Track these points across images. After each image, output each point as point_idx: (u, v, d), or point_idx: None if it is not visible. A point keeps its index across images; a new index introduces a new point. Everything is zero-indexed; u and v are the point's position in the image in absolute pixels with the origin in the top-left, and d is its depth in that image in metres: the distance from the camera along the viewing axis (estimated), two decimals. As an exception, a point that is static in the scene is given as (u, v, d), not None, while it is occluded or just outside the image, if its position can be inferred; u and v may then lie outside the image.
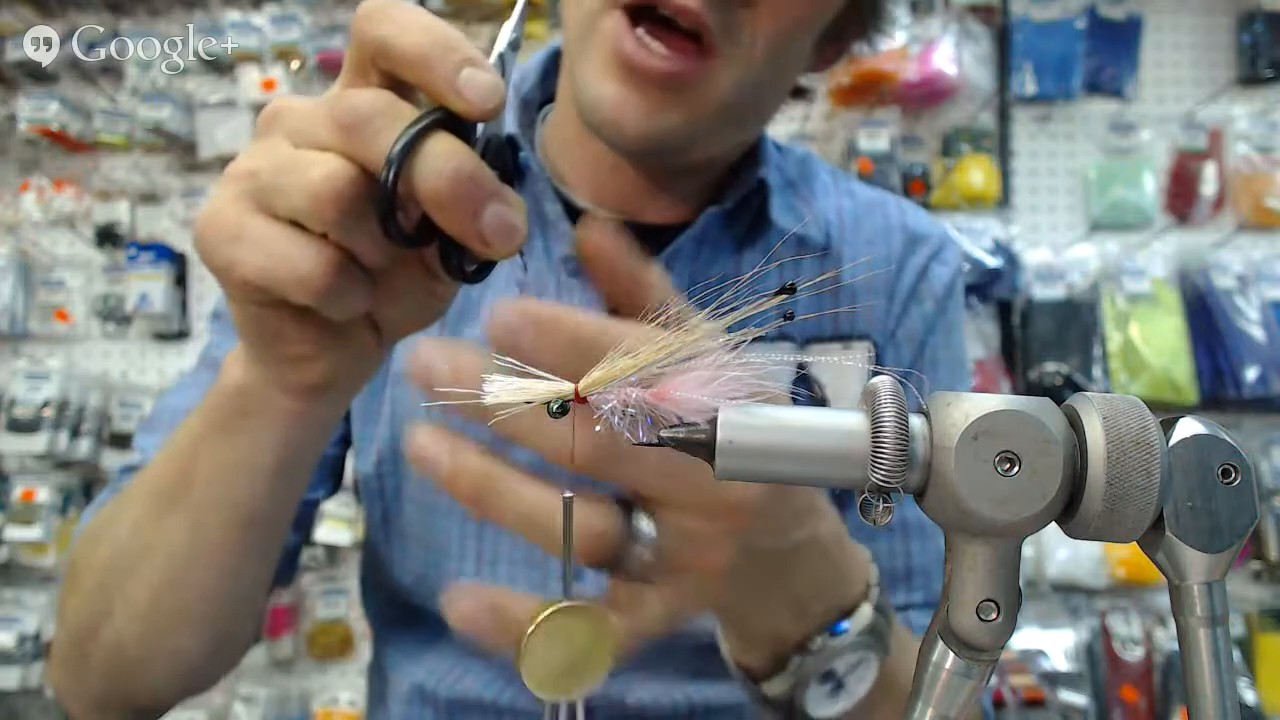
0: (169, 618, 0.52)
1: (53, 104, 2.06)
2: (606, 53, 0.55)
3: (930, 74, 2.01)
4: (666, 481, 0.38)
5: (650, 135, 0.56)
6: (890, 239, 0.73)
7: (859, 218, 0.74)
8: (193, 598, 0.51)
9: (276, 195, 0.36)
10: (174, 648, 0.53)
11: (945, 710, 0.30)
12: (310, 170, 0.34)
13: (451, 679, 0.68)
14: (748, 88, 0.57)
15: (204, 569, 0.50)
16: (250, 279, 0.36)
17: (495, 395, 0.31)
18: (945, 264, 0.74)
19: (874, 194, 0.77)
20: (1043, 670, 1.91)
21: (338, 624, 2.10)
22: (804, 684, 0.42)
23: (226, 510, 0.47)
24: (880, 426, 0.28)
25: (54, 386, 2.02)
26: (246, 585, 0.54)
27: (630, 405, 0.31)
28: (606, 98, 0.55)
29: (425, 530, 0.67)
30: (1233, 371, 1.93)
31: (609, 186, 0.67)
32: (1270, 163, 2.09)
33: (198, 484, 0.47)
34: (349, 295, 0.37)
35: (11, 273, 2.13)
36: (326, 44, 2.11)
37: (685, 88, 0.55)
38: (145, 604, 0.51)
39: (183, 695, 0.57)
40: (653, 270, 0.40)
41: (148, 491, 0.51)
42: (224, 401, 0.44)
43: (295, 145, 0.36)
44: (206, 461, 0.46)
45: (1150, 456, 0.27)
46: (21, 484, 2.04)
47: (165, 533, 0.49)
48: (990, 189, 2.06)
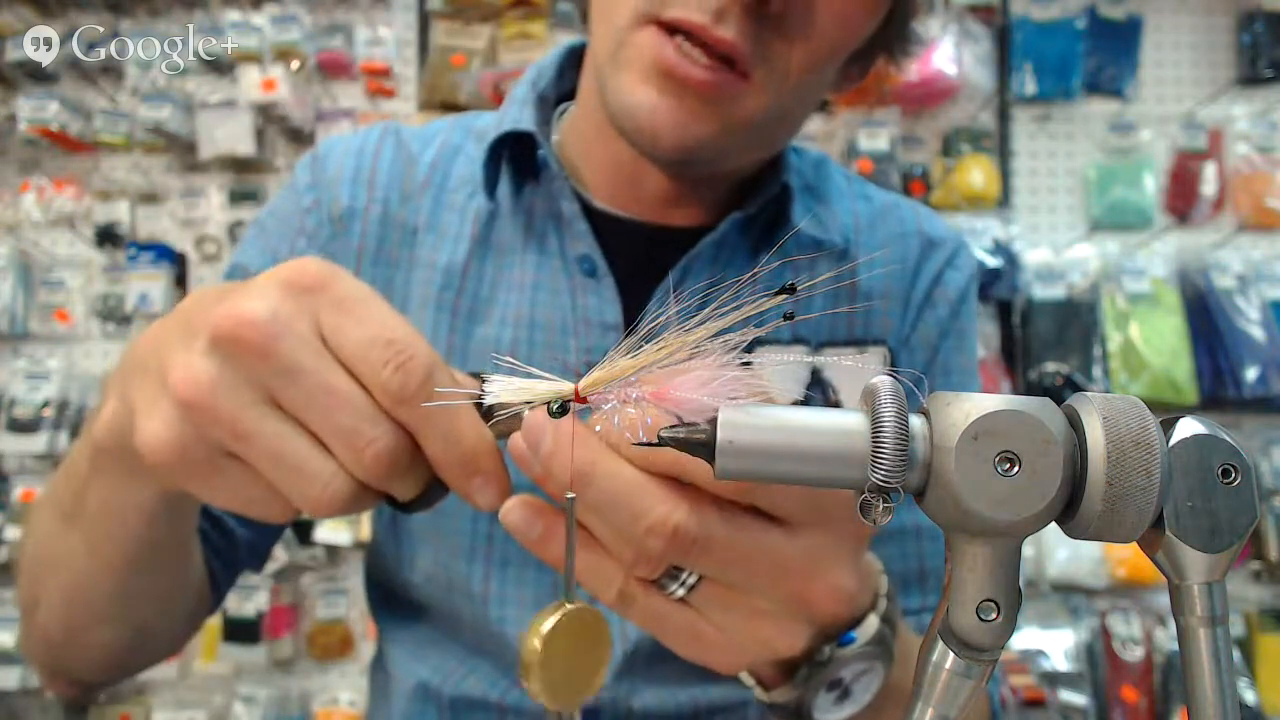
0: (81, 617, 0.55)
1: (53, 104, 2.06)
2: (645, 63, 0.55)
3: (930, 74, 2.00)
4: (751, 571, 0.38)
5: (685, 145, 0.56)
6: (906, 243, 0.73)
7: (874, 221, 0.73)
8: (99, 602, 0.54)
9: (315, 414, 0.36)
10: (92, 640, 0.57)
11: (945, 710, 0.30)
12: (376, 442, 0.36)
13: (456, 677, 0.68)
14: (779, 110, 0.58)
15: (105, 582, 0.52)
16: (259, 475, 0.37)
17: (495, 395, 0.32)
18: (959, 270, 0.74)
19: (889, 197, 0.77)
20: (1043, 670, 1.91)
21: (338, 624, 2.10)
22: (812, 692, 0.42)
23: (116, 541, 0.48)
24: (880, 426, 0.28)
25: (54, 386, 2.02)
26: (157, 591, 0.56)
27: (630, 405, 0.31)
28: (644, 106, 0.55)
29: (436, 530, 0.67)
30: (1233, 371, 1.93)
31: (630, 190, 0.67)
32: (1270, 163, 2.08)
33: (89, 512, 0.48)
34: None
35: (11, 273, 2.12)
36: (326, 44, 2.11)
37: (722, 100, 0.55)
38: (59, 604, 0.54)
39: (118, 676, 0.61)
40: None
41: (54, 502, 0.52)
42: (106, 450, 0.42)
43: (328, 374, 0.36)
44: (94, 495, 0.46)
45: (1150, 456, 0.27)
46: (21, 484, 2.04)
47: (68, 547, 0.51)
48: (990, 189, 2.05)
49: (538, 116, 0.67)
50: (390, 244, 0.69)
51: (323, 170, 0.71)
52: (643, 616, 0.39)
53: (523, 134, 0.66)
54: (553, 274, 0.66)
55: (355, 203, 0.69)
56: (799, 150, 0.76)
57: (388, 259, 0.69)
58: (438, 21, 2.14)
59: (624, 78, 0.56)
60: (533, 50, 2.07)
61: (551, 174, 0.66)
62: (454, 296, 0.67)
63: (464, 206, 0.68)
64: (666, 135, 0.55)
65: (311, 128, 2.14)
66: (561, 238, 0.67)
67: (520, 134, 0.66)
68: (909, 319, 0.72)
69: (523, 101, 0.69)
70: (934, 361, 0.73)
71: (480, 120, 0.74)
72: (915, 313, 0.72)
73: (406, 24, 2.17)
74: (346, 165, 0.71)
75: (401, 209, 0.69)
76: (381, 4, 2.17)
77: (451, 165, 0.70)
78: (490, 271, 0.67)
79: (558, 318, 0.65)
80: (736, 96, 0.55)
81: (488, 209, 0.67)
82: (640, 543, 0.36)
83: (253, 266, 0.69)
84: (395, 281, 0.68)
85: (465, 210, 0.68)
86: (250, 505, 0.38)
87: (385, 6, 2.17)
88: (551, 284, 0.66)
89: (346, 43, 2.13)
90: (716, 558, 0.37)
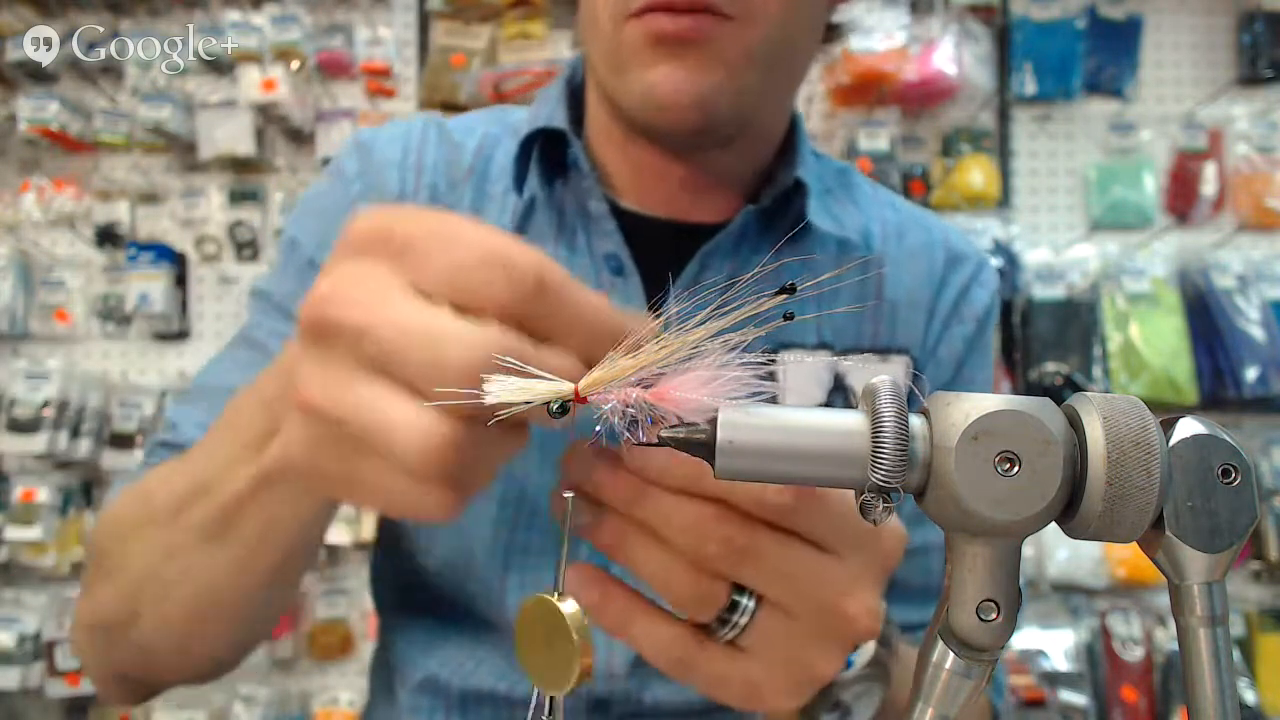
0: (204, 632, 0.54)
1: (53, 104, 2.06)
2: (638, 48, 0.58)
3: (930, 74, 2.00)
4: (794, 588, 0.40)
5: (703, 99, 0.58)
6: (933, 254, 0.73)
7: (902, 230, 0.73)
8: (231, 617, 0.54)
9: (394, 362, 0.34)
10: (206, 651, 0.57)
11: (945, 710, 0.30)
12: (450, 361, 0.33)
13: (465, 670, 0.68)
14: (773, 37, 0.59)
15: (245, 596, 0.52)
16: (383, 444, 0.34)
17: (495, 395, 0.31)
18: (985, 286, 0.74)
19: (915, 209, 0.77)
20: (1043, 670, 1.91)
21: (338, 624, 2.10)
22: (817, 714, 0.43)
23: (272, 556, 0.48)
24: (880, 426, 0.28)
25: (54, 386, 2.02)
26: (286, 598, 0.57)
27: (630, 405, 0.31)
28: (656, 83, 0.57)
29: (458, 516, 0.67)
30: (1233, 371, 1.93)
31: (653, 189, 0.68)
32: (1270, 163, 2.08)
33: (245, 534, 0.47)
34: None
35: (11, 273, 2.12)
36: (326, 44, 2.11)
37: (715, 41, 0.57)
38: (180, 622, 0.53)
39: (206, 681, 0.61)
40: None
41: (184, 522, 0.50)
42: (275, 475, 0.43)
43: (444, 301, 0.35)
44: (256, 516, 0.46)
45: (1150, 456, 0.27)
46: (21, 484, 2.04)
47: (206, 564, 0.50)
48: (990, 189, 2.05)
49: (570, 115, 0.68)
50: None
51: (369, 158, 0.71)
52: (705, 681, 0.41)
53: (554, 131, 0.67)
54: (582, 271, 0.67)
55: (404, 187, 0.70)
56: (821, 157, 0.76)
57: None
58: (438, 21, 2.14)
59: (629, 75, 0.59)
60: (533, 50, 2.07)
61: (581, 173, 0.66)
62: None
63: (503, 199, 0.69)
64: (685, 97, 0.57)
65: (311, 128, 2.14)
66: (590, 235, 0.67)
67: (552, 131, 0.67)
68: (934, 330, 0.72)
69: (557, 99, 0.70)
70: (958, 377, 0.73)
71: (514, 115, 0.74)
72: (941, 325, 0.72)
73: (406, 24, 2.17)
74: (393, 151, 0.71)
75: (449, 195, 0.70)
76: (381, 4, 2.17)
77: (493, 156, 0.71)
78: None
79: None
80: (726, 36, 0.57)
81: (524, 203, 0.68)
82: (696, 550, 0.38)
83: (308, 245, 0.69)
84: None
85: (504, 203, 0.69)
86: (391, 499, 0.37)
87: (385, 6, 2.17)
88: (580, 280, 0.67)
89: (346, 43, 2.13)
90: (766, 568, 0.39)
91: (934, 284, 0.72)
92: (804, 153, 0.70)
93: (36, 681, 2.00)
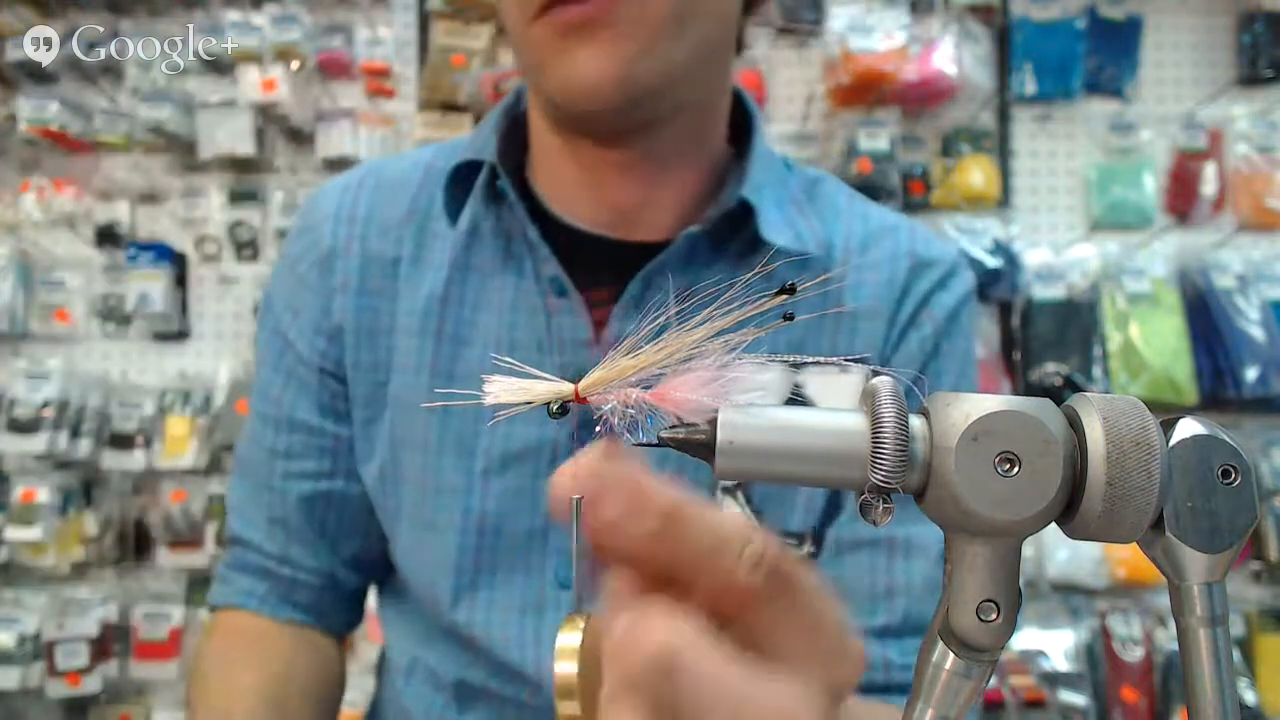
0: None
1: (53, 104, 2.06)
2: (553, 40, 0.59)
3: (930, 74, 2.00)
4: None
5: (623, 76, 0.58)
6: (895, 265, 0.72)
7: (868, 243, 0.73)
8: None
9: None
10: None
11: (945, 710, 0.30)
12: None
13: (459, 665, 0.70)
14: (683, 6, 0.60)
15: None
16: None
17: (495, 395, 0.31)
18: (950, 291, 0.74)
19: (890, 220, 0.76)
20: (1043, 670, 1.91)
21: (338, 624, 2.10)
22: None
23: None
24: (880, 426, 0.28)
25: (54, 386, 2.02)
26: None
27: (630, 405, 0.31)
28: (575, 69, 0.59)
29: (420, 546, 0.70)
30: (1233, 371, 1.93)
31: (594, 201, 0.68)
32: (1270, 163, 2.08)
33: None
34: None
35: (11, 273, 2.12)
36: (326, 44, 2.11)
37: (621, 18, 0.58)
38: None
39: None
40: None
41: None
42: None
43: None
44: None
45: (1150, 457, 0.27)
46: (21, 484, 2.03)
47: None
48: (990, 189, 2.05)
49: (502, 145, 0.69)
50: (373, 276, 0.71)
51: (310, 215, 0.75)
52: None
53: (477, 163, 0.69)
54: (528, 294, 0.68)
55: (336, 241, 0.72)
56: (794, 167, 0.76)
57: (372, 291, 0.71)
58: (438, 21, 2.14)
59: (549, 70, 0.60)
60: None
61: (511, 203, 0.68)
62: (437, 322, 0.69)
63: (447, 233, 0.71)
64: (605, 74, 0.58)
65: (311, 128, 2.14)
66: (534, 259, 0.68)
67: (476, 163, 0.69)
68: (892, 340, 0.71)
69: (491, 128, 0.71)
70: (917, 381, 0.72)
71: (463, 144, 0.75)
72: (899, 333, 0.72)
73: (406, 24, 2.17)
74: (328, 204, 0.74)
75: (380, 242, 0.72)
76: (381, 4, 2.17)
77: (434, 194, 0.72)
78: (472, 294, 0.69)
79: (535, 337, 0.68)
80: (631, 9, 0.58)
81: (464, 234, 0.69)
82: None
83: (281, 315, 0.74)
84: (381, 312, 0.71)
85: (448, 236, 0.70)
86: None
87: (385, 6, 2.17)
88: (528, 304, 0.68)
89: (346, 43, 2.13)
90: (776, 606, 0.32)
91: (895, 293, 0.71)
92: (758, 167, 0.69)
93: (36, 681, 2.00)
